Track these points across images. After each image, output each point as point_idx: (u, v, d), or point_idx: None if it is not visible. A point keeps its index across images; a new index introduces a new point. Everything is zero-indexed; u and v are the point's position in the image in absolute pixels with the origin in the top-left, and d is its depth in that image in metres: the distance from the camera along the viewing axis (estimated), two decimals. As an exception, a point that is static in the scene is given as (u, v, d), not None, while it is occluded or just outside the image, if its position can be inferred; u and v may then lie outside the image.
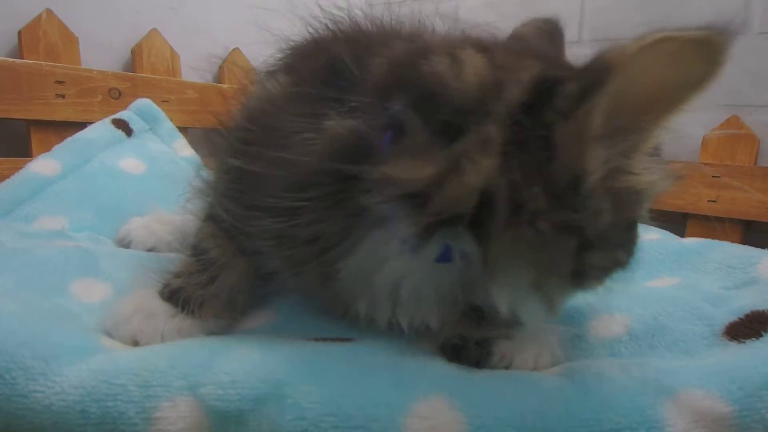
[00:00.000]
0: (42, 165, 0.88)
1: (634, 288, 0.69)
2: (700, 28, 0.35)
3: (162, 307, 0.53)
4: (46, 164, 0.89)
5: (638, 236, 0.48)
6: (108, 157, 0.96)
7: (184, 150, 1.14)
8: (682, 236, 1.12)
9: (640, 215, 0.45)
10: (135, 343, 0.51)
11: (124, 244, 0.80)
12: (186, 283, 0.54)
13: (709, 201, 1.14)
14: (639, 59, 0.36)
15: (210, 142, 0.61)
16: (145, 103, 1.12)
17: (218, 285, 0.54)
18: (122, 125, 1.05)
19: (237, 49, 1.34)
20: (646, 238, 0.98)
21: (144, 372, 0.41)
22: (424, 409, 0.40)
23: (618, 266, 0.46)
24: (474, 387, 0.43)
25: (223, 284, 0.54)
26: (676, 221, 1.17)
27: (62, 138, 0.99)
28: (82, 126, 1.03)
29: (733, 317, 0.55)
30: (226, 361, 0.42)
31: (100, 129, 1.01)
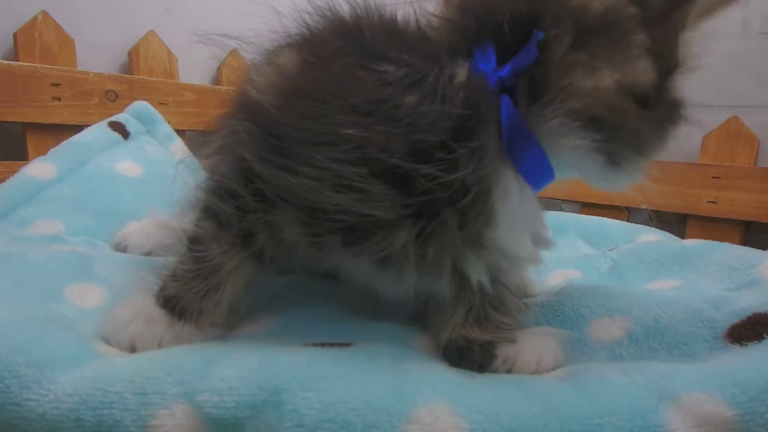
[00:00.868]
0: (37, 168, 0.88)
1: (634, 290, 0.69)
2: None
3: (161, 313, 0.52)
4: (41, 168, 0.88)
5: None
6: (104, 160, 0.95)
7: (182, 152, 1.13)
8: (682, 237, 1.12)
9: None
10: (133, 349, 0.50)
11: (121, 248, 0.80)
12: (183, 291, 0.53)
13: (708, 202, 1.14)
14: None
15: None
16: (142, 105, 1.12)
17: (221, 294, 0.53)
18: (119, 128, 1.05)
19: (235, 51, 1.33)
20: (646, 239, 0.99)
21: (140, 379, 0.40)
22: (424, 416, 0.39)
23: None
24: (475, 392, 0.42)
25: (228, 293, 0.54)
26: (675, 222, 1.17)
27: (58, 141, 0.98)
28: (78, 129, 1.02)
29: (734, 319, 0.54)
30: (222, 368, 0.42)
31: (97, 132, 1.00)
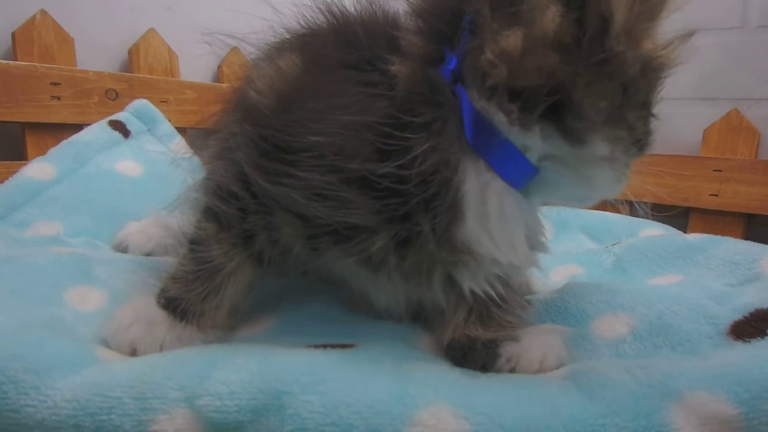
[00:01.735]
0: (37, 169, 0.87)
1: (637, 286, 0.69)
2: None
3: (162, 315, 0.52)
4: (40, 168, 0.88)
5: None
6: (104, 159, 0.95)
7: (183, 151, 1.13)
8: (684, 230, 1.12)
9: (657, 93, 0.50)
10: (133, 352, 0.50)
11: (121, 249, 0.80)
12: (184, 292, 0.53)
13: (710, 195, 1.14)
14: None
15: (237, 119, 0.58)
16: (142, 104, 1.11)
17: (222, 296, 0.53)
18: (119, 127, 1.04)
19: (236, 49, 1.33)
20: (648, 233, 0.99)
21: (139, 384, 0.40)
22: (427, 418, 0.39)
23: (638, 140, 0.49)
24: (478, 394, 0.42)
25: (229, 294, 0.54)
26: (678, 215, 1.17)
27: (58, 141, 0.98)
28: (78, 128, 1.02)
29: (737, 316, 0.54)
30: (223, 372, 0.41)
31: (97, 131, 1.00)
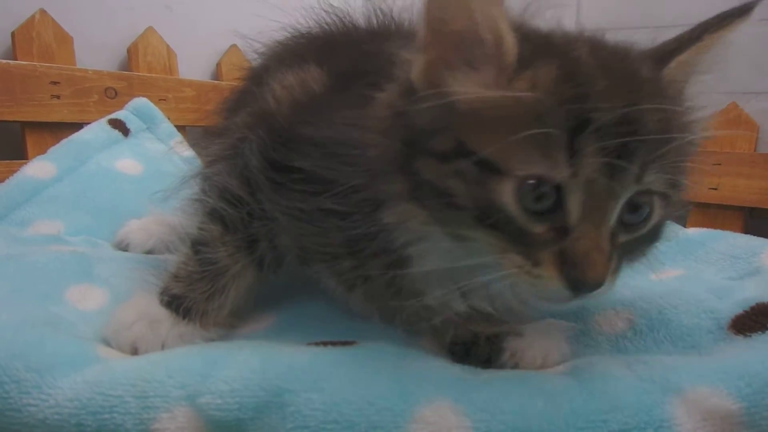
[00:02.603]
0: (37, 168, 0.87)
1: (638, 281, 0.68)
2: None
3: (164, 313, 0.52)
4: (41, 167, 0.88)
5: None
6: (104, 158, 0.95)
7: (183, 149, 1.13)
8: (683, 225, 1.12)
9: None
10: (135, 351, 0.50)
11: (122, 247, 0.80)
12: (189, 290, 0.54)
13: (710, 189, 1.14)
14: None
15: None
16: (141, 102, 1.11)
17: (226, 297, 0.54)
18: (119, 125, 1.04)
19: (234, 46, 1.33)
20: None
21: (141, 382, 0.40)
22: (428, 415, 0.39)
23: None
24: (479, 390, 0.42)
25: (232, 296, 0.54)
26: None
27: (58, 139, 0.98)
28: (78, 127, 1.02)
29: (738, 310, 0.54)
30: (225, 369, 0.42)
31: (96, 130, 1.00)
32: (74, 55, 1.08)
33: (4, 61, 0.97)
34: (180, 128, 1.18)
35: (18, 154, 1.00)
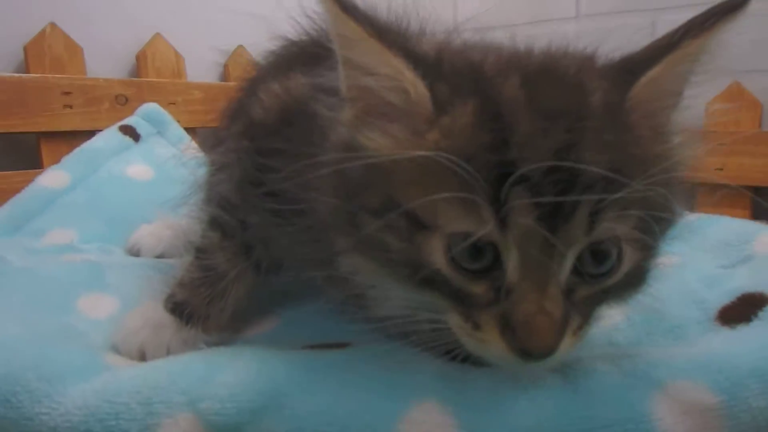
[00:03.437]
0: (51, 178, 0.91)
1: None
2: None
3: (169, 319, 0.55)
4: (55, 176, 0.91)
5: None
6: (115, 164, 0.98)
7: (192, 151, 1.15)
8: (691, 208, 1.11)
9: None
10: (142, 356, 0.53)
11: (134, 252, 0.83)
12: (191, 296, 0.56)
13: (715, 169, 1.12)
14: None
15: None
16: (151, 107, 1.14)
17: (226, 300, 0.56)
18: (129, 131, 1.07)
19: (241, 47, 1.35)
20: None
21: (145, 389, 0.42)
22: (417, 415, 0.41)
23: None
24: (466, 389, 0.43)
25: (232, 299, 0.56)
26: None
27: (71, 147, 1.01)
28: (90, 134, 1.05)
29: (725, 300, 0.55)
30: (224, 375, 0.44)
31: (108, 137, 1.03)
32: (85, 65, 1.11)
33: (18, 75, 1.00)
34: (190, 130, 1.21)
35: (34, 163, 1.04)
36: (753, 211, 1.09)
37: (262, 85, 0.57)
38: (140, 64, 1.20)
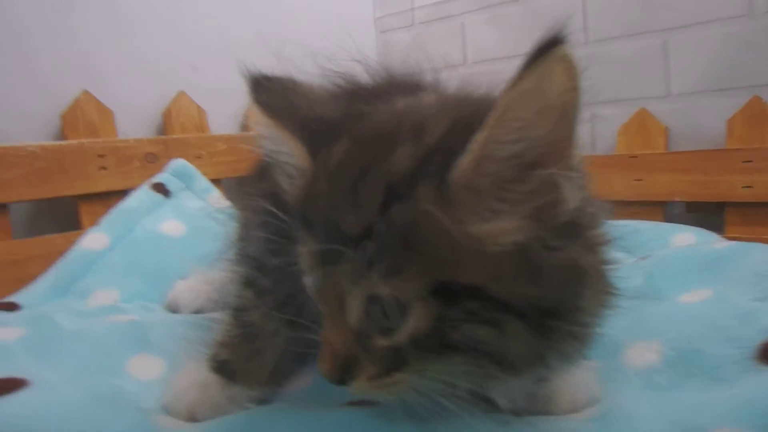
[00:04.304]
0: (91, 240, 0.94)
1: (667, 307, 0.68)
2: None
3: (214, 378, 0.57)
4: (95, 238, 0.94)
5: None
6: (149, 222, 1.01)
7: (220, 202, 1.18)
8: (721, 227, 1.09)
9: None
10: (192, 416, 0.54)
11: (173, 308, 0.85)
12: (232, 354, 0.58)
13: (744, 187, 1.10)
14: None
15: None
16: (179, 163, 1.17)
17: (264, 356, 0.57)
18: (160, 188, 1.10)
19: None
20: (681, 240, 0.97)
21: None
22: None
23: None
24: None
25: (270, 354, 0.58)
26: (712, 211, 1.15)
27: (107, 207, 1.04)
28: (123, 193, 1.09)
29: (763, 337, 0.54)
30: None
31: (141, 196, 1.06)
32: (115, 127, 1.16)
33: (57, 143, 1.05)
34: (215, 182, 1.24)
35: (74, 224, 1.08)
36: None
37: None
38: (166, 121, 1.25)
